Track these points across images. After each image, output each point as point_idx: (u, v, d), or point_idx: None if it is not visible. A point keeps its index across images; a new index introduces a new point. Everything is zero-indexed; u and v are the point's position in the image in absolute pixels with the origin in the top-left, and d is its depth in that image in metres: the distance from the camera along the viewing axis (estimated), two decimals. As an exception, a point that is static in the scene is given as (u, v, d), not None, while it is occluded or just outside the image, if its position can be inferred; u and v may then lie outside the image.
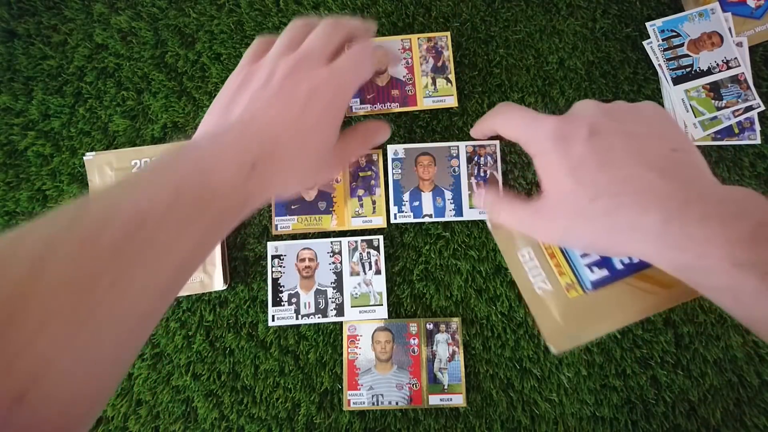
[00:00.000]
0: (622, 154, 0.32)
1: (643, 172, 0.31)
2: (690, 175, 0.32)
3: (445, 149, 0.52)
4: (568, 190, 0.33)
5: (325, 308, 0.51)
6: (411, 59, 0.54)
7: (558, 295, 0.40)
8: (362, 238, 0.51)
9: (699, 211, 0.29)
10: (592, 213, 0.33)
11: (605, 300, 0.38)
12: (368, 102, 0.53)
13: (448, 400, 0.49)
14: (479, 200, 0.42)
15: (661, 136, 0.34)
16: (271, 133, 0.35)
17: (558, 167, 0.34)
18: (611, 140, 0.33)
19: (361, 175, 0.53)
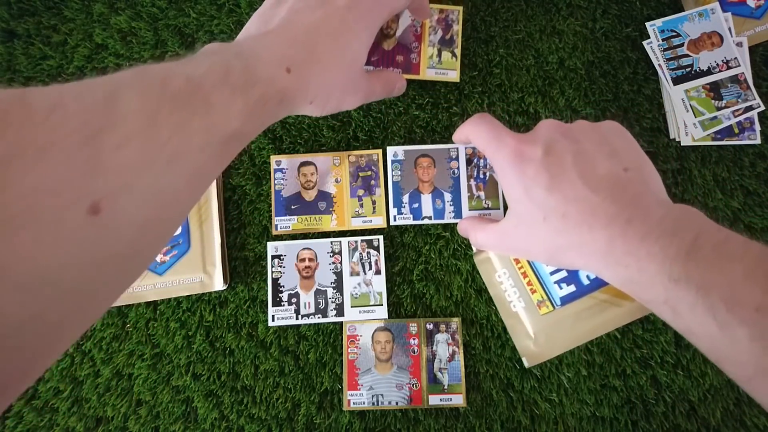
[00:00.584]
0: (572, 176, 0.34)
1: (590, 194, 0.33)
2: (636, 195, 0.34)
3: (444, 151, 0.52)
4: (524, 209, 0.36)
5: (325, 308, 0.51)
6: (420, 28, 0.54)
7: (531, 311, 0.44)
8: (362, 238, 0.51)
9: (640, 230, 0.31)
10: (545, 231, 0.35)
11: (574, 314, 0.43)
12: (372, 64, 0.53)
13: (448, 400, 0.49)
14: (460, 227, 0.46)
15: (614, 155, 0.36)
16: (307, 38, 0.36)
17: (516, 186, 0.36)
18: (563, 160, 0.35)
19: (361, 175, 0.53)
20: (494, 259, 0.45)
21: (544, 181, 0.35)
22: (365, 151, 0.53)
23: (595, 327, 0.43)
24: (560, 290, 0.43)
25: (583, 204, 0.33)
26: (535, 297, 0.44)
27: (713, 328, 0.29)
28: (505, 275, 0.45)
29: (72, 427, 0.50)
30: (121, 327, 0.52)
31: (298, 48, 0.35)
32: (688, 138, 0.53)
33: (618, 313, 0.43)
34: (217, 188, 0.53)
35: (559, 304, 0.43)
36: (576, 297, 0.43)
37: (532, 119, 0.54)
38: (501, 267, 0.45)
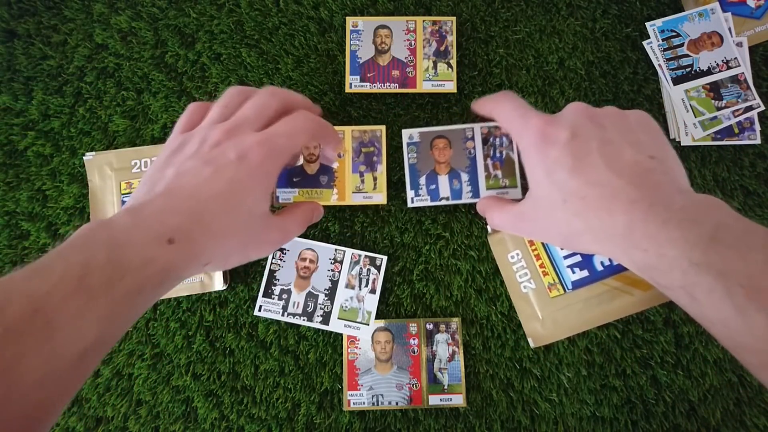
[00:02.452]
0: (596, 160, 0.34)
1: (614, 178, 0.33)
2: (660, 182, 0.33)
3: (460, 131, 0.52)
4: (545, 191, 0.36)
5: (313, 312, 0.50)
6: (414, 41, 0.54)
7: (540, 293, 0.44)
8: (366, 254, 0.51)
9: (662, 215, 0.31)
10: (563, 214, 0.35)
11: (584, 299, 0.42)
12: (368, 80, 0.53)
13: (448, 400, 0.49)
14: (479, 206, 0.44)
15: (640, 143, 0.35)
16: (195, 202, 0.33)
17: (537, 167, 0.36)
18: (589, 145, 0.35)
19: (363, 151, 0.52)
20: (508, 239, 0.45)
21: (567, 163, 0.34)
22: (368, 127, 0.53)
23: (605, 313, 0.43)
24: (573, 274, 0.43)
25: (605, 188, 0.33)
26: (547, 280, 0.44)
27: (731, 313, 0.29)
28: (518, 256, 0.45)
29: (72, 427, 0.50)
30: (121, 327, 0.52)
31: (183, 216, 0.32)
32: (688, 138, 0.53)
33: (629, 302, 0.43)
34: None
35: (570, 288, 0.43)
36: (588, 282, 0.43)
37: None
38: (514, 248, 0.45)
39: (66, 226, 0.53)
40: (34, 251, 0.53)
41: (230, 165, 0.35)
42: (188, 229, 0.32)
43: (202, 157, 0.35)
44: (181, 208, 0.33)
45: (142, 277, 0.30)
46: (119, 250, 0.29)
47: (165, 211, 0.32)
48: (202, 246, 0.33)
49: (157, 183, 0.35)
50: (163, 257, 0.31)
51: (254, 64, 0.55)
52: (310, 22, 0.55)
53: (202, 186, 0.34)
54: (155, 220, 0.32)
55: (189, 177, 0.34)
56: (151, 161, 0.53)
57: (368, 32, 0.54)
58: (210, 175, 0.34)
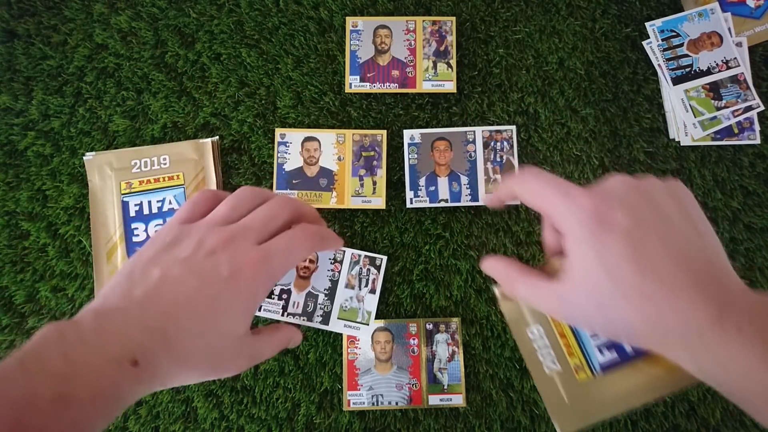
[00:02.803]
0: (658, 250, 0.31)
1: (679, 273, 0.30)
2: (723, 276, 0.31)
3: (461, 134, 0.52)
4: (597, 280, 0.32)
5: (312, 312, 0.50)
6: (414, 41, 0.54)
7: (567, 376, 0.39)
8: (366, 254, 0.51)
9: (735, 319, 0.29)
10: (620, 309, 0.31)
11: (614, 383, 0.37)
12: (368, 80, 0.53)
13: (448, 401, 0.49)
14: (488, 268, 0.38)
15: (694, 226, 0.33)
16: (169, 320, 0.31)
17: (588, 254, 0.32)
18: (649, 232, 0.31)
19: (363, 155, 0.52)
20: (526, 312, 0.40)
21: (627, 255, 0.31)
22: (369, 131, 0.53)
23: (637, 397, 0.38)
24: (601, 356, 0.38)
25: (671, 284, 0.30)
26: (573, 361, 0.39)
27: None
28: (539, 332, 0.40)
29: (72, 427, 0.50)
30: (121, 327, 0.51)
31: (152, 335, 0.30)
32: (688, 138, 0.53)
33: (664, 383, 0.38)
34: (217, 188, 0.53)
35: (599, 370, 0.38)
36: (618, 364, 0.39)
37: (532, 119, 0.54)
38: (534, 322, 0.40)
39: (66, 226, 0.53)
40: (34, 251, 0.52)
41: (218, 281, 0.33)
42: (153, 352, 0.30)
43: (193, 266, 0.33)
44: (151, 324, 0.30)
45: (90, 410, 0.27)
46: (69, 383, 0.27)
47: (134, 327, 0.30)
48: (165, 370, 0.31)
49: (138, 284, 0.32)
50: (117, 384, 0.28)
51: (254, 64, 0.55)
52: (310, 22, 0.55)
53: (182, 302, 0.32)
54: (121, 337, 0.29)
55: (171, 286, 0.32)
56: (151, 161, 0.53)
57: (368, 32, 0.54)
58: (194, 289, 0.32)
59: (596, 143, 0.53)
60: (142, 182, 0.53)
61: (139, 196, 0.52)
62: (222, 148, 0.54)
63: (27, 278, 0.52)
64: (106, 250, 0.52)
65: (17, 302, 0.52)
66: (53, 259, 0.52)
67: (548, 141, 0.53)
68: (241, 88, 0.55)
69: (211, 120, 0.54)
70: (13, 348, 0.51)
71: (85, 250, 0.52)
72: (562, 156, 0.53)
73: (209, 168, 0.53)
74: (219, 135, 0.54)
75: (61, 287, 0.52)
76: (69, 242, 0.53)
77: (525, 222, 0.52)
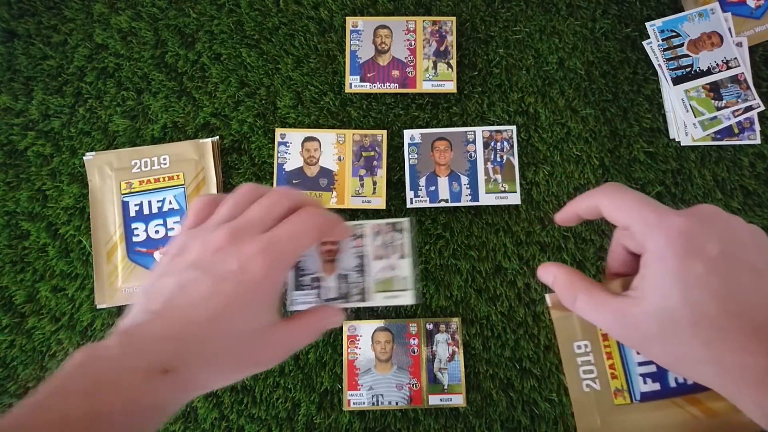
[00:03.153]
0: (743, 287, 0.30)
1: (759, 313, 0.29)
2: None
3: (461, 134, 0.52)
4: (673, 305, 0.30)
5: (348, 293, 0.49)
6: (414, 41, 0.53)
7: (604, 397, 0.38)
8: (386, 222, 0.50)
9: None
10: (689, 338, 0.30)
11: (649, 414, 0.36)
12: (368, 80, 0.53)
13: (448, 400, 0.48)
14: (547, 275, 0.35)
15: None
16: (192, 326, 0.31)
17: (671, 277, 0.30)
18: (735, 267, 0.30)
19: (363, 155, 0.52)
20: (577, 324, 0.38)
21: (712, 285, 0.29)
22: (370, 131, 0.52)
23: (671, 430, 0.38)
24: (644, 385, 0.37)
25: (748, 322, 0.29)
26: (614, 384, 0.37)
27: None
28: (585, 348, 0.38)
29: (72, 427, 0.50)
30: (121, 327, 0.51)
31: (179, 342, 0.30)
32: (688, 138, 0.53)
33: (697, 427, 0.37)
34: (217, 188, 0.52)
35: (638, 398, 0.37)
36: (658, 397, 0.36)
37: (532, 119, 0.53)
38: (583, 337, 0.38)
39: (66, 226, 0.52)
40: (34, 251, 0.52)
41: (230, 277, 0.32)
42: (184, 359, 0.30)
43: (203, 265, 0.33)
44: (177, 332, 0.31)
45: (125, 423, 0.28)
46: (100, 398, 0.28)
47: (160, 337, 0.30)
48: (199, 373, 0.31)
49: (155, 296, 0.33)
50: (152, 394, 0.29)
51: (254, 64, 0.55)
52: (310, 22, 0.55)
53: (200, 305, 0.32)
54: (148, 349, 0.30)
55: (188, 291, 0.32)
56: (151, 161, 0.52)
57: (368, 32, 0.54)
58: (209, 290, 0.32)
59: (596, 143, 0.53)
60: (142, 182, 0.52)
61: (139, 196, 0.52)
62: (222, 148, 0.54)
63: (27, 278, 0.52)
64: (106, 250, 0.52)
65: (17, 302, 0.51)
66: (53, 259, 0.52)
67: (548, 141, 0.53)
68: (241, 88, 0.54)
69: (211, 120, 0.54)
70: (13, 348, 0.51)
71: (85, 250, 0.52)
72: (562, 156, 0.53)
73: (209, 168, 0.53)
74: (219, 135, 0.54)
75: (61, 287, 0.52)
76: (69, 242, 0.52)
77: (525, 222, 0.52)
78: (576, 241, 0.52)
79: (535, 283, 0.51)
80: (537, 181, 0.52)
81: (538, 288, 0.51)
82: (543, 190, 0.52)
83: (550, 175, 0.53)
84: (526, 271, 0.51)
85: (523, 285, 0.51)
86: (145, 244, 0.51)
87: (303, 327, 0.38)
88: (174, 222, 0.52)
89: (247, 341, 0.33)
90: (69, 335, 0.51)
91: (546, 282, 0.36)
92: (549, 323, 0.50)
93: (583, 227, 0.52)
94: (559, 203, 0.52)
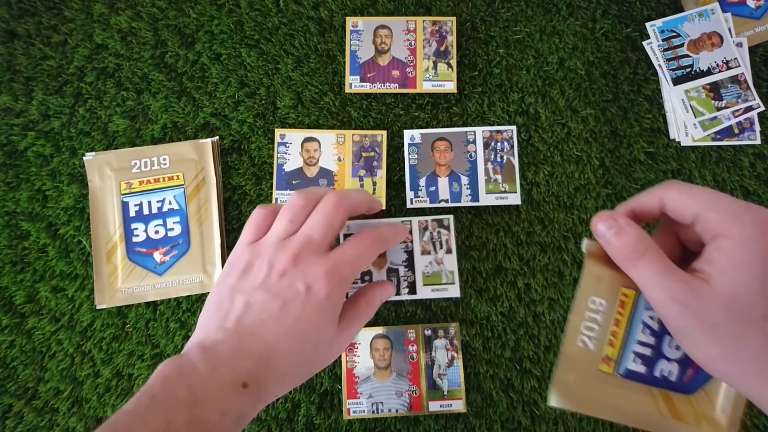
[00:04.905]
0: None
1: None
2: None
3: (461, 134, 0.49)
4: (745, 293, 0.27)
5: (398, 286, 0.47)
6: (414, 41, 0.51)
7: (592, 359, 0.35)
8: (432, 218, 0.47)
9: None
10: (754, 330, 0.27)
11: (624, 393, 0.34)
12: (368, 80, 0.50)
13: (448, 406, 0.46)
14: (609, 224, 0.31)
15: None
16: (265, 344, 0.33)
17: (750, 263, 0.27)
18: None
19: (363, 156, 0.49)
20: (607, 280, 0.35)
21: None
22: (369, 131, 0.50)
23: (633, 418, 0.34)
24: (633, 363, 0.35)
25: None
26: (608, 350, 0.35)
27: None
28: (600, 306, 0.35)
29: (72, 427, 0.47)
30: (121, 327, 0.49)
31: (254, 360, 0.32)
32: (688, 138, 0.50)
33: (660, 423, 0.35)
34: (217, 188, 0.50)
35: (621, 373, 0.35)
36: (640, 380, 0.35)
37: (533, 119, 0.51)
38: (606, 294, 0.35)
39: (66, 227, 0.50)
40: (34, 251, 0.50)
41: (297, 299, 0.34)
42: (259, 374, 0.32)
43: (270, 288, 0.34)
44: (252, 350, 0.32)
45: (219, 430, 0.30)
46: (199, 407, 0.29)
47: (238, 354, 0.32)
48: (271, 388, 0.33)
49: (227, 315, 0.34)
50: (236, 405, 0.31)
51: (254, 64, 0.52)
52: (310, 22, 0.52)
53: (270, 325, 0.33)
54: (230, 365, 0.31)
55: (258, 312, 0.33)
56: (150, 161, 0.50)
57: (368, 32, 0.51)
58: (278, 311, 0.33)
59: (597, 143, 0.50)
60: (142, 182, 0.50)
61: (139, 196, 0.50)
62: (222, 148, 0.51)
63: (27, 278, 0.49)
64: (106, 251, 0.49)
65: (17, 302, 0.49)
66: (53, 260, 0.49)
67: (549, 141, 0.50)
68: (241, 88, 0.52)
69: (211, 120, 0.51)
70: (13, 348, 0.48)
71: (85, 250, 0.50)
72: (563, 156, 0.50)
73: (209, 168, 0.50)
74: (219, 135, 0.51)
75: (61, 287, 0.49)
76: (69, 242, 0.50)
77: (525, 222, 0.49)
78: (576, 241, 0.49)
79: (536, 283, 0.49)
80: (537, 181, 0.50)
81: (538, 288, 0.49)
82: (543, 191, 0.50)
83: (550, 175, 0.50)
84: (527, 272, 0.49)
85: (524, 285, 0.49)
86: (144, 245, 0.49)
87: (356, 320, 0.38)
88: (174, 222, 0.49)
89: (314, 356, 0.35)
90: (69, 335, 0.48)
91: (601, 233, 0.32)
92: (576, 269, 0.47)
93: (583, 228, 0.49)
94: (560, 203, 0.50)
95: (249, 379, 0.31)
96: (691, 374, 0.33)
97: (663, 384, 0.33)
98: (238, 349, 0.32)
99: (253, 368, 0.32)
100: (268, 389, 0.33)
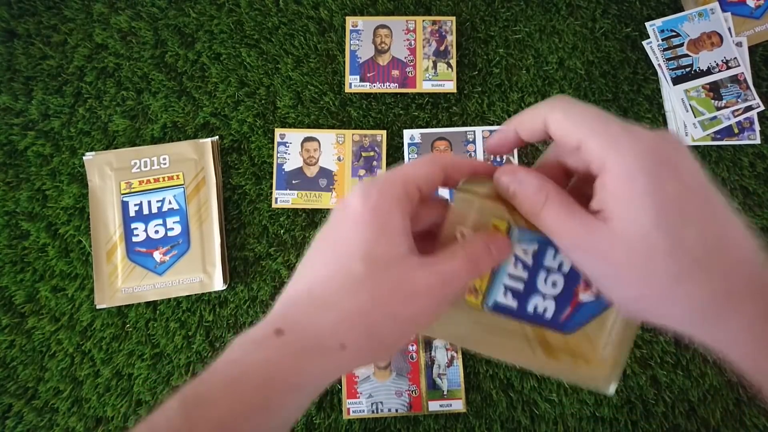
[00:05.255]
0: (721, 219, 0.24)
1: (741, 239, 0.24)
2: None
3: (461, 134, 0.49)
4: (643, 231, 0.24)
5: None
6: (414, 41, 0.50)
7: None
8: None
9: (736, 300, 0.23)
10: (660, 270, 0.24)
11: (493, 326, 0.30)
12: (368, 80, 0.50)
13: (448, 406, 0.45)
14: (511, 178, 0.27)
15: None
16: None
17: (641, 197, 0.24)
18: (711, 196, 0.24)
19: (363, 155, 0.49)
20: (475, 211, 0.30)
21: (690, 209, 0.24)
22: (369, 131, 0.49)
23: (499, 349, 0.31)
24: (502, 296, 0.31)
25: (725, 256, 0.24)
26: (474, 281, 0.30)
27: None
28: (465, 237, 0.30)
29: (72, 427, 0.47)
30: (121, 327, 0.48)
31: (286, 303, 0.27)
32: (688, 138, 0.49)
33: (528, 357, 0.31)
34: (217, 188, 0.49)
35: (489, 307, 0.31)
36: (509, 314, 0.31)
37: (532, 119, 0.50)
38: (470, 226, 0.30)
39: (66, 226, 0.49)
40: (34, 251, 0.49)
41: (334, 221, 0.27)
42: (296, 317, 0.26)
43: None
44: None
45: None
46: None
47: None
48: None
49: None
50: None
51: (254, 64, 0.51)
52: (310, 22, 0.52)
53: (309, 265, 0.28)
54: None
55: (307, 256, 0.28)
56: (150, 161, 0.49)
57: (368, 32, 0.51)
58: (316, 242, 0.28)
59: (596, 143, 0.50)
60: (141, 182, 0.49)
61: (138, 196, 0.49)
62: (222, 148, 0.51)
63: (27, 278, 0.49)
64: (106, 250, 0.49)
65: (17, 302, 0.48)
66: (53, 259, 0.49)
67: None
68: (241, 88, 0.51)
69: (211, 120, 0.51)
70: (13, 348, 0.48)
71: (85, 250, 0.49)
72: (562, 156, 0.50)
73: (209, 168, 0.49)
74: (219, 135, 0.51)
75: (61, 287, 0.49)
76: (69, 242, 0.49)
77: (525, 222, 0.49)
78: (575, 242, 0.49)
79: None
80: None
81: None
82: (543, 190, 0.49)
83: (549, 175, 0.50)
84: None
85: (523, 285, 0.48)
86: (144, 244, 0.48)
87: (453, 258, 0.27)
88: (174, 222, 0.49)
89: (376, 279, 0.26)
90: (69, 335, 0.48)
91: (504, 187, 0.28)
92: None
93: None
94: (559, 203, 0.49)
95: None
96: (568, 313, 0.29)
97: (536, 320, 0.29)
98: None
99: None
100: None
